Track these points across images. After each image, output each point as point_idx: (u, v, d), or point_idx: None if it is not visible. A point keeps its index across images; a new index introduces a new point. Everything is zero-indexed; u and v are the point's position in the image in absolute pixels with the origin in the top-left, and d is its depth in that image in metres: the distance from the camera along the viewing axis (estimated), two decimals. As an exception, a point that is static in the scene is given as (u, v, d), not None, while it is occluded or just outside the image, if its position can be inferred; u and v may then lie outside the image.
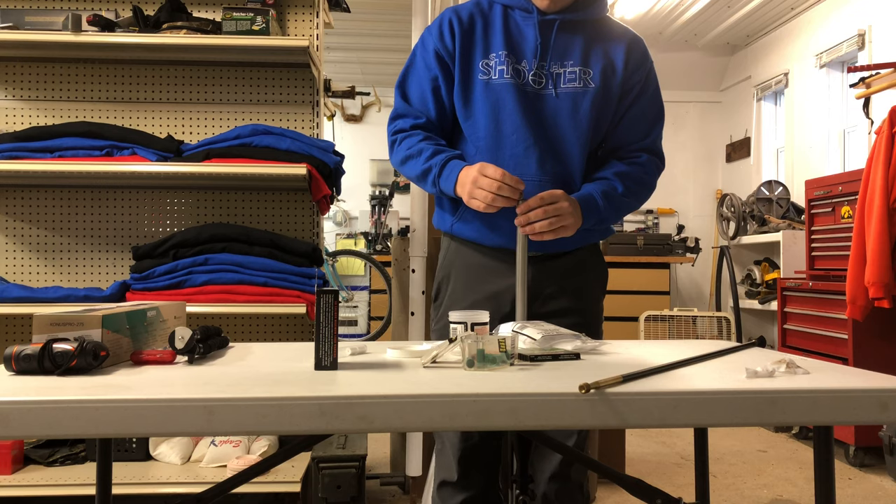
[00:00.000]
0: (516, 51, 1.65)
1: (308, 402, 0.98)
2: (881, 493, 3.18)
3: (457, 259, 1.74)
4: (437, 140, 1.68)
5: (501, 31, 1.66)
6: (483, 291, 1.68)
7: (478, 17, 1.69)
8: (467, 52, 1.67)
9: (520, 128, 1.63)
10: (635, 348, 1.51)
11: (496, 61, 1.64)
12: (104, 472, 1.52)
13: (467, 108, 1.67)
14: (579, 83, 1.64)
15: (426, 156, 1.63)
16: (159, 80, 2.96)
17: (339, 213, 7.07)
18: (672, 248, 5.90)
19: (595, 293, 1.77)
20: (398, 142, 1.70)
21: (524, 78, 1.64)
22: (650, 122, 1.73)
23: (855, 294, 3.45)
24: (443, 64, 1.68)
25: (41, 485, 2.47)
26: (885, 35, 4.65)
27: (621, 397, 1.01)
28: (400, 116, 1.72)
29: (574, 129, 1.64)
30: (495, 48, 1.65)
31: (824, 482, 1.12)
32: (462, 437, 1.68)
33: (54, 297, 2.59)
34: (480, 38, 1.67)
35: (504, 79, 1.63)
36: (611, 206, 1.63)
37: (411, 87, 1.72)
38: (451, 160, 1.61)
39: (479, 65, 1.65)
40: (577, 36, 1.67)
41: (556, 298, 1.68)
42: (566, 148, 1.64)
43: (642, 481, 1.34)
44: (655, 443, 4.01)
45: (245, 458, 2.58)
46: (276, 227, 2.95)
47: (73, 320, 1.22)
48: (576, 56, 1.65)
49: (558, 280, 1.68)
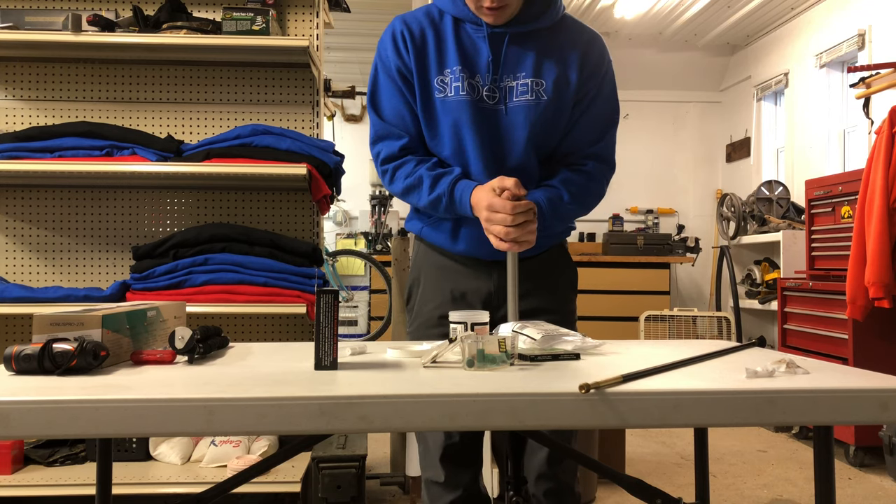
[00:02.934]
0: (470, 65, 1.62)
1: (308, 402, 0.98)
2: (881, 493, 3.18)
3: (425, 262, 1.75)
4: (428, 161, 1.65)
5: (454, 45, 1.63)
6: (450, 292, 1.70)
7: (429, 29, 1.65)
8: (423, 69, 1.64)
9: (478, 146, 1.61)
10: (635, 348, 1.51)
11: (451, 77, 1.62)
12: (104, 472, 1.52)
13: (430, 126, 1.65)
14: (531, 95, 1.61)
15: (429, 184, 1.61)
16: (159, 80, 2.96)
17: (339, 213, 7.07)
18: (672, 248, 5.90)
19: (566, 293, 1.77)
20: (390, 172, 1.66)
21: (479, 94, 1.62)
22: (602, 127, 1.69)
23: (855, 294, 3.45)
24: (405, 80, 1.65)
25: (41, 485, 2.46)
26: (885, 35, 4.65)
27: (621, 397, 1.01)
28: (382, 139, 1.68)
29: (527, 142, 1.62)
30: (450, 63, 1.62)
31: (824, 482, 1.12)
32: (443, 437, 1.68)
33: (54, 297, 2.59)
34: (434, 54, 1.63)
35: (460, 96, 1.61)
36: (555, 214, 1.61)
37: (384, 104, 1.68)
38: (458, 184, 1.59)
39: (435, 82, 1.63)
40: (529, 47, 1.63)
41: (526, 298, 1.66)
42: (522, 163, 1.63)
43: (642, 481, 1.34)
44: (655, 443, 4.01)
45: (245, 458, 2.58)
46: (276, 227, 2.95)
47: (73, 320, 1.22)
48: (528, 68, 1.62)
49: (529, 281, 1.66)
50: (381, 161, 1.67)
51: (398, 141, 1.65)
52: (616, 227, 6.59)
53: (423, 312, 1.74)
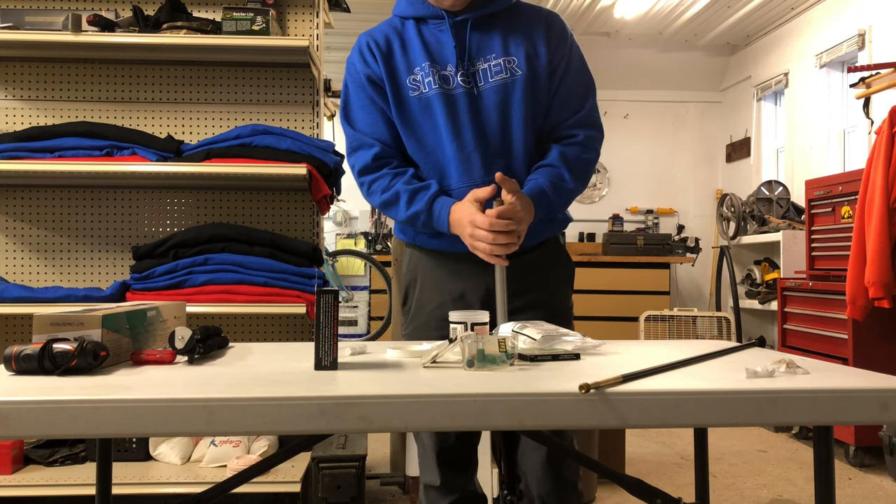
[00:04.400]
0: (438, 59, 1.65)
1: (308, 402, 0.98)
2: (881, 493, 3.17)
3: (420, 264, 1.76)
4: (405, 173, 1.66)
5: (419, 44, 1.66)
6: (449, 292, 1.70)
7: (393, 36, 1.69)
8: (392, 73, 1.66)
9: (458, 134, 1.63)
10: (635, 348, 1.51)
11: (422, 74, 1.65)
12: (104, 472, 1.52)
13: (408, 127, 1.67)
14: (506, 73, 1.64)
15: (406, 199, 1.62)
16: (159, 80, 2.96)
17: (339, 213, 7.07)
18: (672, 248, 5.89)
19: (562, 288, 1.76)
20: (366, 185, 1.68)
21: (452, 83, 1.64)
22: (580, 95, 1.70)
23: (855, 294, 3.45)
24: (375, 86, 1.68)
25: (41, 485, 2.47)
26: (885, 35, 4.65)
27: (621, 397, 1.01)
28: (355, 149, 1.69)
29: (510, 119, 1.64)
30: (418, 62, 1.65)
31: (824, 482, 1.12)
32: (438, 439, 1.69)
33: (54, 297, 2.59)
34: (401, 57, 1.67)
35: (433, 89, 1.63)
36: (559, 197, 1.63)
37: (355, 114, 1.70)
38: (435, 202, 1.60)
39: (407, 82, 1.66)
40: (493, 28, 1.67)
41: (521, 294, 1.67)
42: (506, 142, 1.64)
43: (642, 481, 1.34)
44: (655, 443, 4.01)
45: (245, 458, 2.58)
46: (276, 227, 2.95)
47: (73, 320, 1.22)
48: (497, 48, 1.65)
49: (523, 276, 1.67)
50: (358, 173, 1.69)
51: (370, 150, 1.67)
52: (616, 227, 6.58)
53: (421, 314, 1.74)
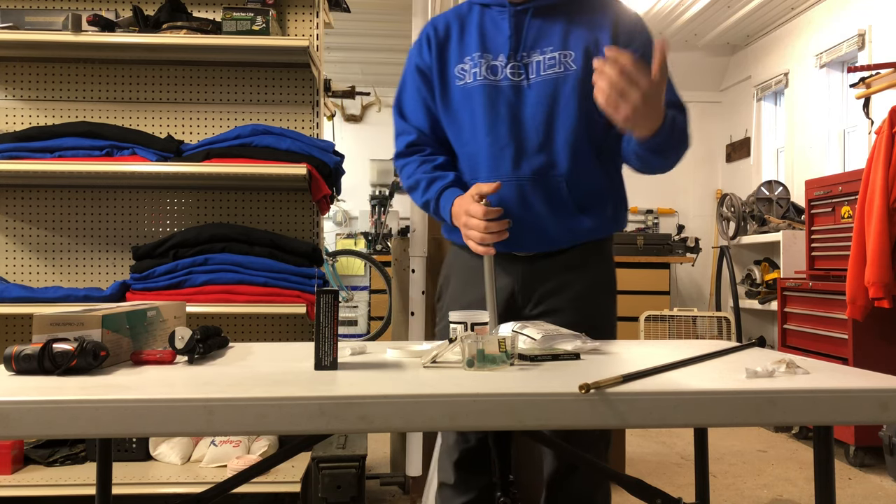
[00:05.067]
0: (491, 48, 1.61)
1: (308, 402, 0.98)
2: (881, 493, 3.17)
3: (455, 261, 1.76)
4: (432, 160, 1.67)
5: (476, 32, 1.64)
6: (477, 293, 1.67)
7: (454, 23, 1.67)
8: (442, 63, 1.66)
9: (493, 128, 1.59)
10: (635, 348, 1.51)
11: (471, 64, 1.62)
12: (104, 472, 1.52)
13: (450, 117, 1.66)
14: (559, 67, 1.57)
15: (423, 187, 1.64)
16: (159, 80, 2.96)
17: (339, 213, 7.07)
18: (672, 248, 5.89)
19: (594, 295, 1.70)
20: (399, 170, 1.73)
21: (501, 74, 1.59)
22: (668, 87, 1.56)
23: (855, 294, 3.45)
24: (423, 77, 1.68)
25: (41, 485, 2.46)
26: (885, 35, 4.65)
27: (621, 397, 1.01)
28: (398, 136, 1.73)
29: (555, 116, 1.57)
30: (470, 51, 1.63)
31: (824, 482, 1.12)
32: (459, 441, 1.68)
33: (54, 297, 2.59)
34: (456, 45, 1.65)
35: (478, 81, 1.61)
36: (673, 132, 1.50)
37: (404, 102, 1.73)
38: (445, 192, 1.61)
39: (455, 71, 1.64)
40: (554, 20, 1.60)
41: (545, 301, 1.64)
42: (548, 140, 1.58)
43: (642, 481, 1.34)
44: (655, 443, 4.01)
45: (245, 458, 2.58)
46: (276, 227, 2.95)
47: (73, 320, 1.22)
48: (554, 41, 1.58)
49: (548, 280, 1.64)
50: (395, 157, 1.74)
51: (407, 137, 1.70)
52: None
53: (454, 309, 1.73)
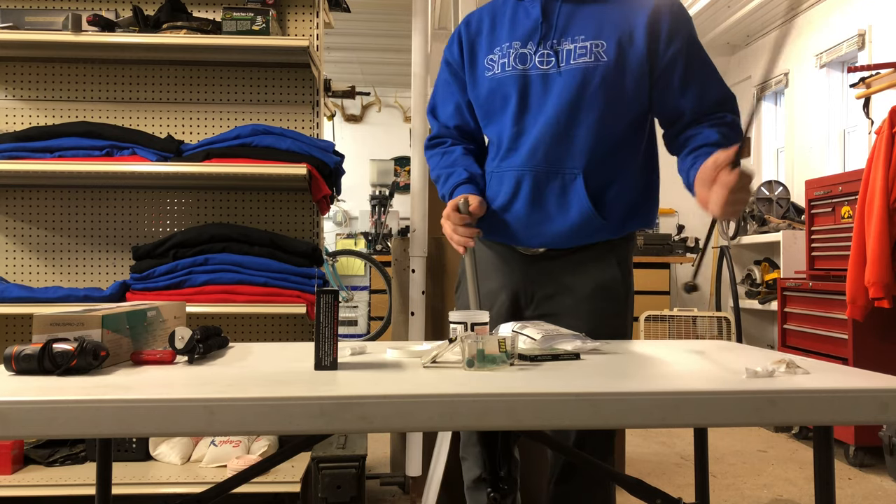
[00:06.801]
0: (521, 36, 1.60)
1: (308, 402, 0.98)
2: (881, 493, 3.17)
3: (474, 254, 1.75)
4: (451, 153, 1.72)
5: (509, 23, 1.63)
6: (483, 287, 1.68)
7: (486, 17, 1.69)
8: (472, 55, 1.68)
9: (514, 116, 1.59)
10: (635, 348, 1.50)
11: (500, 54, 1.62)
12: (104, 472, 1.53)
13: (479, 106, 1.69)
14: (590, 57, 1.53)
15: (442, 181, 1.70)
16: (159, 80, 2.96)
17: (339, 213, 7.07)
18: (672, 248, 5.89)
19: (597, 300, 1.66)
20: (427, 161, 1.79)
21: (529, 63, 1.57)
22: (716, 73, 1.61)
23: (855, 294, 3.45)
24: (452, 72, 1.73)
25: (41, 485, 2.46)
26: (885, 35, 4.65)
27: (621, 397, 1.01)
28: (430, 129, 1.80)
29: (580, 107, 1.54)
30: (500, 41, 1.63)
31: (824, 482, 1.12)
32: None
33: (54, 297, 2.59)
34: (487, 37, 1.67)
35: (506, 71, 1.60)
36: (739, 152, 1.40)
37: (436, 95, 1.78)
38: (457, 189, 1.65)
39: (484, 62, 1.65)
40: (587, 7, 1.57)
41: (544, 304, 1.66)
42: (566, 132, 1.55)
43: (642, 481, 1.34)
44: (655, 443, 4.01)
45: (245, 458, 2.58)
46: (276, 227, 2.95)
47: (73, 320, 1.22)
48: (588, 29, 1.55)
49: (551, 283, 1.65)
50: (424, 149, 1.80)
51: (435, 129, 1.77)
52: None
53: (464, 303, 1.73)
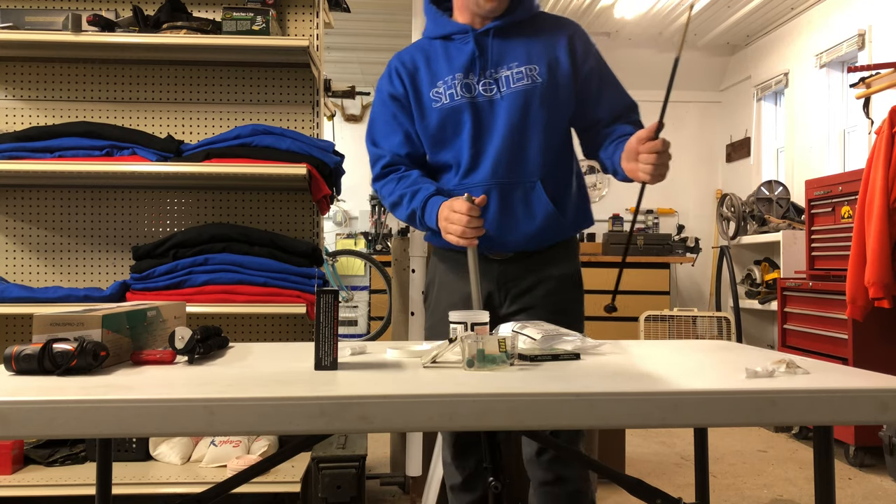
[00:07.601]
0: (461, 69, 1.72)
1: (308, 402, 0.98)
2: (881, 493, 3.18)
3: (437, 266, 1.85)
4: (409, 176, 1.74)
5: (444, 59, 1.74)
6: (457, 293, 1.76)
7: (419, 55, 1.77)
8: (416, 89, 1.74)
9: (470, 138, 1.70)
10: (635, 348, 1.51)
11: (444, 87, 1.72)
12: (104, 472, 1.53)
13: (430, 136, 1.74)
14: (527, 80, 1.70)
15: (407, 199, 1.71)
16: (159, 80, 2.96)
17: (339, 213, 7.07)
18: (672, 248, 5.89)
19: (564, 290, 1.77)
20: (379, 192, 1.79)
21: (475, 91, 1.71)
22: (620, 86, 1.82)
23: (855, 294, 3.45)
24: (396, 102, 1.76)
25: (41, 485, 2.46)
26: (885, 35, 4.65)
27: (622, 397, 1.01)
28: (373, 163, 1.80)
29: (528, 124, 1.70)
30: (441, 75, 1.73)
31: (824, 482, 1.12)
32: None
33: (54, 297, 2.59)
34: (425, 72, 1.75)
35: (454, 100, 1.71)
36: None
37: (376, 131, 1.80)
38: (430, 200, 1.68)
39: (429, 95, 1.73)
40: (515, 39, 1.74)
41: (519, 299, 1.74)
42: (520, 147, 1.70)
43: (642, 481, 1.34)
44: (655, 443, 4.01)
45: (245, 458, 2.58)
46: (276, 227, 2.95)
47: (73, 320, 1.22)
48: (520, 57, 1.72)
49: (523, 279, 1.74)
50: (373, 182, 1.81)
51: (382, 160, 1.78)
52: (616, 227, 6.58)
53: (437, 312, 1.81)
